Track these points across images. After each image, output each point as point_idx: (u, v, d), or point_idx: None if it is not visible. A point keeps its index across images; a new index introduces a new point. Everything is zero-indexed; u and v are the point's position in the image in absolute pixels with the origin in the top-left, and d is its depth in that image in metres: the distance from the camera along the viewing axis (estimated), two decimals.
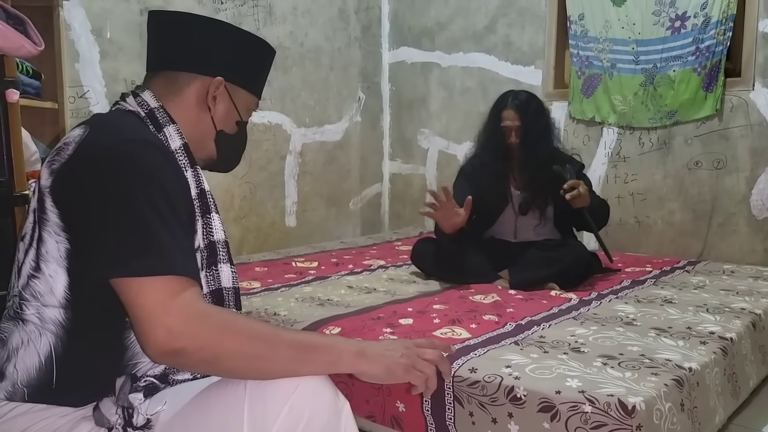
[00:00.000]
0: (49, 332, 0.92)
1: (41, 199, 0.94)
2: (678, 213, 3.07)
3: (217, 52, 1.09)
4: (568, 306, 2.07)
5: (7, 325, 0.97)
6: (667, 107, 3.01)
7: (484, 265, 2.45)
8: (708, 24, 2.85)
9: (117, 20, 2.85)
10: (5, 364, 0.95)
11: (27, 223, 0.97)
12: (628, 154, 3.17)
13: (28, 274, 0.94)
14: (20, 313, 0.94)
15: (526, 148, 2.43)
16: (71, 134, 0.98)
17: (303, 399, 0.88)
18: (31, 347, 0.93)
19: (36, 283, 0.93)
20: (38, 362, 0.92)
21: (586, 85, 3.25)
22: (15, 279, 0.97)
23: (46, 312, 0.93)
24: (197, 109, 1.09)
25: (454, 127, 3.79)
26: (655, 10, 3.00)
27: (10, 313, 0.97)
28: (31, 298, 0.93)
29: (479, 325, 1.84)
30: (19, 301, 0.94)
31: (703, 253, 2.98)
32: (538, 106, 2.51)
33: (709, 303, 2.08)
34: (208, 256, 1.02)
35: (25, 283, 0.94)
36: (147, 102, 1.05)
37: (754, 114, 2.82)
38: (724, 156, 2.91)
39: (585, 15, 3.21)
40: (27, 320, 0.94)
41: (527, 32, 3.46)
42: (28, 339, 0.93)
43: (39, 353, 0.93)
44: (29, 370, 0.92)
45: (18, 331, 0.95)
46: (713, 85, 2.87)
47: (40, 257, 0.93)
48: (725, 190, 2.92)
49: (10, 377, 0.93)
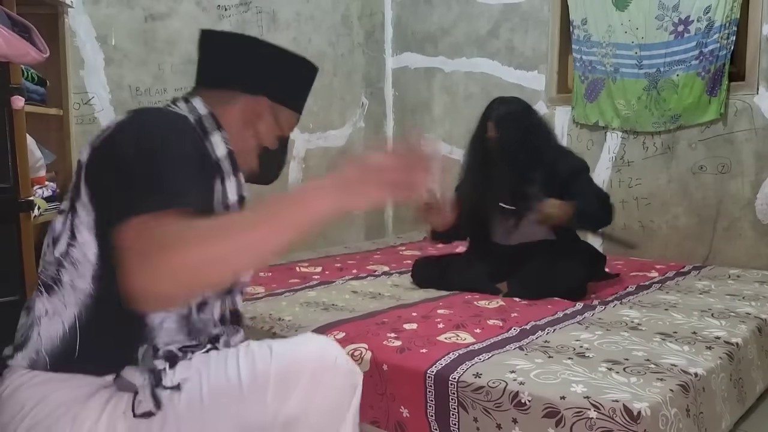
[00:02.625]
0: (75, 302, 0.95)
1: (78, 174, 0.98)
2: (683, 217, 3.06)
3: (263, 73, 1.15)
4: (573, 311, 2.06)
5: (37, 295, 1.00)
6: (671, 111, 3.01)
7: (483, 278, 2.42)
8: (711, 28, 2.85)
9: (121, 27, 2.87)
10: (29, 331, 0.98)
11: (66, 198, 1.01)
12: (632, 159, 3.17)
13: (67, 243, 0.97)
14: (56, 280, 0.97)
15: (509, 157, 2.38)
16: (114, 119, 1.03)
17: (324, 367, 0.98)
18: (56, 316, 0.96)
19: (73, 251, 0.97)
20: (62, 331, 0.95)
21: (589, 90, 3.25)
22: (50, 249, 1.00)
23: (78, 282, 0.96)
24: (242, 124, 1.14)
25: (457, 132, 3.79)
26: (658, 15, 3.00)
27: (44, 282, 1.00)
28: (69, 265, 0.96)
29: (483, 330, 1.83)
30: (57, 268, 0.97)
31: (708, 257, 2.97)
32: (520, 116, 2.44)
33: (714, 308, 2.07)
34: None
35: (65, 250, 0.97)
36: (197, 108, 1.10)
37: (758, 118, 2.81)
38: (729, 160, 2.90)
39: (588, 20, 3.21)
40: (58, 288, 0.97)
41: (530, 37, 3.46)
42: (54, 309, 0.96)
43: (63, 322, 0.95)
44: (53, 339, 0.95)
45: (44, 299, 0.97)
46: (717, 89, 2.87)
47: (75, 227, 0.97)
48: (730, 195, 2.91)
49: (34, 344, 0.96)
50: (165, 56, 3.02)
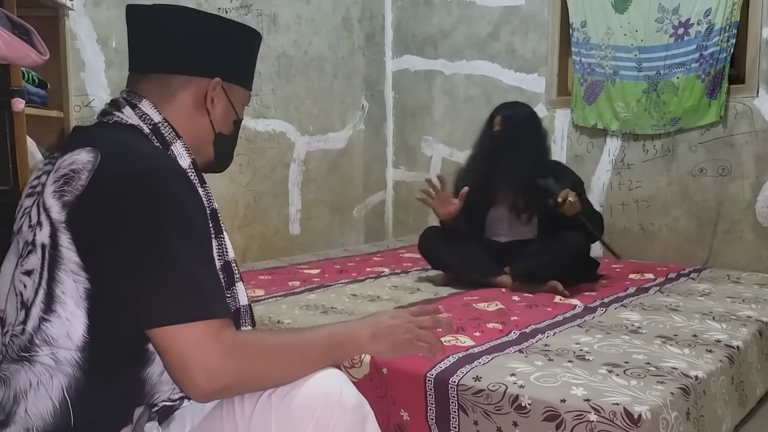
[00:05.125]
0: (62, 374, 0.86)
1: (54, 235, 0.86)
2: (683, 220, 3.06)
3: (212, 51, 1.02)
4: (573, 314, 2.06)
5: (10, 366, 0.89)
6: (670, 114, 3.01)
7: (490, 260, 2.49)
8: (711, 31, 2.85)
9: (122, 30, 2.85)
10: (13, 407, 0.87)
11: (32, 258, 0.88)
12: (632, 161, 3.17)
13: (39, 317, 0.87)
14: (29, 356, 0.87)
15: (510, 151, 2.50)
16: (77, 159, 0.89)
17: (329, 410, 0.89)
18: (42, 391, 0.86)
19: (49, 326, 0.86)
20: (52, 407, 0.86)
21: (588, 92, 3.25)
22: (19, 315, 0.89)
23: (60, 354, 0.86)
24: (195, 114, 1.03)
25: (457, 134, 3.80)
26: (657, 17, 3.00)
27: (13, 351, 0.89)
28: (42, 343, 0.86)
29: (483, 333, 1.83)
30: (29, 344, 0.87)
31: (708, 260, 2.97)
32: (527, 116, 2.62)
33: (715, 311, 2.07)
34: (225, 277, 0.99)
35: (36, 326, 0.87)
36: (148, 115, 0.98)
37: (758, 121, 2.81)
38: (729, 163, 2.90)
39: (587, 22, 3.21)
40: (37, 362, 0.87)
41: (530, 40, 3.46)
42: (38, 381, 0.86)
43: (51, 397, 0.86)
44: (43, 416, 0.86)
45: (24, 371, 0.88)
46: (717, 91, 2.87)
47: (55, 299, 0.86)
48: (730, 197, 2.91)
49: (22, 422, 0.87)
50: None
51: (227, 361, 0.84)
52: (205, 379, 0.82)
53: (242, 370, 0.85)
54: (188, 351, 0.82)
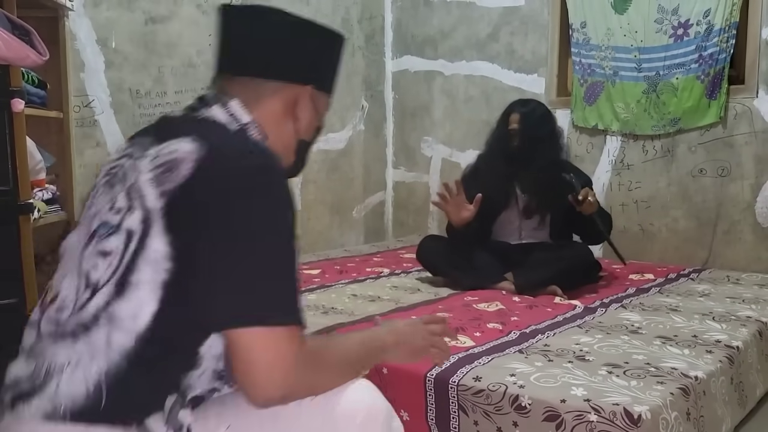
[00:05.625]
0: (105, 358, 0.82)
1: (146, 222, 0.83)
2: (682, 221, 3.06)
3: (307, 58, 1.02)
4: (573, 314, 2.06)
5: (51, 341, 0.86)
6: (670, 115, 3.01)
7: (490, 265, 2.47)
8: (711, 32, 2.85)
9: (122, 30, 2.87)
10: (45, 381, 0.84)
11: (113, 241, 0.85)
12: (632, 162, 3.17)
13: (107, 299, 0.83)
14: (83, 333, 0.84)
15: (530, 151, 2.47)
16: (180, 148, 0.86)
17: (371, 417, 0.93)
18: (79, 373, 0.82)
19: (116, 307, 0.83)
20: (85, 390, 0.82)
21: (588, 93, 3.25)
22: (82, 294, 0.86)
23: (117, 337, 0.82)
24: (282, 119, 1.01)
25: (457, 135, 3.80)
26: (657, 18, 3.00)
27: (64, 328, 0.86)
28: (105, 321, 0.83)
29: (483, 334, 1.83)
30: (89, 323, 0.84)
31: (708, 260, 2.97)
32: (544, 114, 2.60)
33: (714, 311, 2.07)
34: None
35: (103, 305, 0.83)
36: (237, 115, 0.95)
37: (758, 121, 2.82)
38: (729, 163, 2.90)
39: (587, 23, 3.21)
40: (84, 341, 0.83)
41: (530, 40, 3.46)
42: (77, 362, 0.83)
43: (87, 380, 0.82)
44: (74, 397, 0.82)
45: (65, 349, 0.84)
46: (717, 92, 2.87)
47: (129, 284, 0.83)
48: (730, 198, 2.91)
49: (50, 397, 0.83)
50: (165, 59, 3.03)
51: (298, 370, 0.85)
52: (273, 385, 0.83)
53: (308, 380, 0.88)
54: (264, 355, 0.82)
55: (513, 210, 2.56)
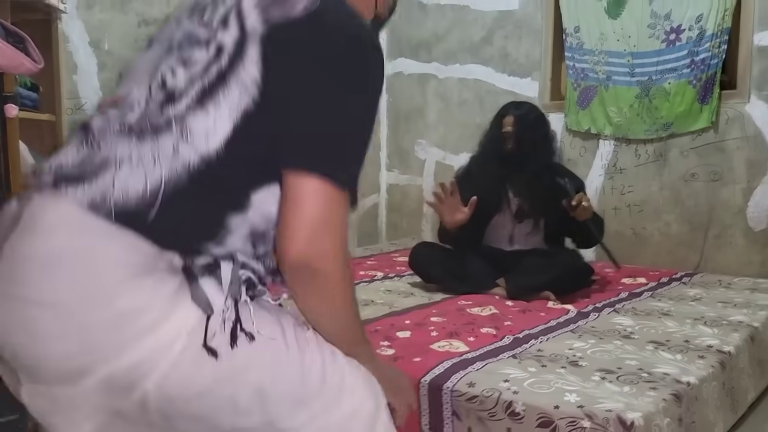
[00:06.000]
0: (169, 166, 0.77)
1: (242, 43, 0.80)
2: (674, 225, 3.07)
3: None
4: (566, 319, 2.07)
5: (114, 135, 0.79)
6: (662, 119, 3.03)
7: (483, 272, 2.47)
8: (703, 37, 2.87)
9: (115, 32, 2.86)
10: (98, 169, 0.77)
11: (198, 53, 0.82)
12: (625, 166, 3.19)
13: (186, 108, 0.79)
14: (148, 134, 0.79)
15: (524, 155, 2.47)
16: None
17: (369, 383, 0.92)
18: (140, 170, 0.77)
19: (192, 119, 0.79)
20: (142, 189, 0.76)
21: (581, 97, 3.27)
22: (156, 95, 0.81)
23: (184, 150, 0.78)
24: None
25: (451, 138, 3.80)
26: (650, 23, 3.02)
27: (129, 125, 0.80)
28: (178, 131, 0.79)
29: (477, 339, 1.83)
30: (162, 125, 0.79)
31: (699, 264, 2.98)
32: (538, 117, 2.59)
33: (706, 316, 2.09)
34: None
35: (179, 114, 0.79)
36: None
37: (750, 126, 2.84)
38: (721, 168, 2.92)
39: (581, 27, 3.23)
40: (154, 141, 0.78)
41: (524, 44, 3.48)
42: (140, 159, 0.77)
43: (147, 180, 0.77)
44: (128, 192, 0.76)
45: (130, 144, 0.78)
46: (709, 97, 2.89)
47: (212, 98, 0.79)
48: (721, 202, 2.93)
49: (102, 187, 0.76)
50: None
51: (335, 242, 0.82)
52: (310, 238, 0.80)
53: (335, 265, 0.83)
54: (313, 206, 0.80)
55: (505, 214, 2.56)
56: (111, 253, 0.75)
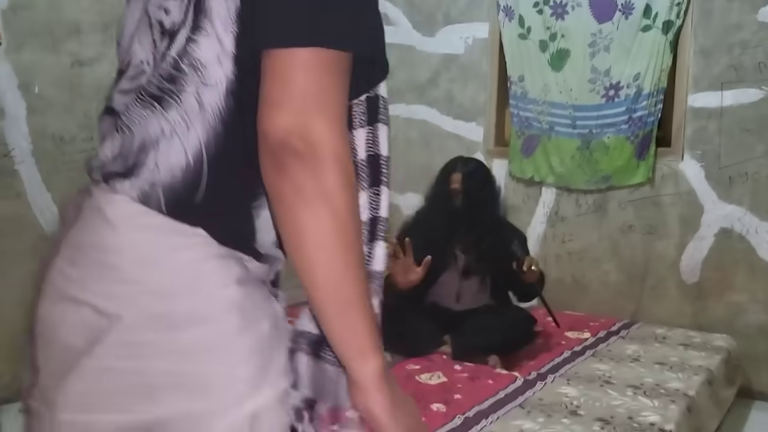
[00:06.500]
0: (201, 124, 0.69)
1: None
2: (613, 274, 3.17)
3: None
4: (514, 389, 2.09)
5: (138, 111, 0.72)
6: (602, 172, 3.12)
7: (429, 332, 2.46)
8: (640, 95, 2.98)
9: (46, 74, 2.70)
10: (140, 157, 0.70)
11: None
12: (566, 215, 3.27)
13: (187, 36, 0.69)
14: (172, 91, 0.70)
15: (472, 212, 2.48)
16: None
17: None
18: (176, 141, 0.69)
19: (196, 48, 0.68)
20: (185, 161, 0.69)
21: (525, 145, 3.33)
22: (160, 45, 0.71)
23: (206, 95, 0.68)
24: None
25: (397, 178, 3.79)
26: (590, 78, 3.11)
27: (150, 88, 0.71)
28: (190, 69, 0.69)
29: (427, 418, 1.82)
30: (172, 72, 0.70)
31: (636, 313, 3.09)
32: (485, 174, 2.63)
33: (645, 382, 2.16)
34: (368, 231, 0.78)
35: (182, 48, 0.69)
36: None
37: (683, 183, 2.96)
38: (656, 222, 3.04)
39: (525, 77, 3.29)
40: (177, 101, 0.69)
41: (469, 89, 3.51)
42: (172, 130, 0.69)
43: (186, 150, 0.69)
44: (173, 170, 0.69)
45: (156, 118, 0.70)
46: (645, 153, 3.00)
47: (203, 13, 0.68)
48: (656, 255, 3.05)
49: (148, 175, 0.69)
50: (92, 102, 2.86)
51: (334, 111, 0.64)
52: (294, 109, 0.63)
53: (331, 144, 0.64)
54: (302, 76, 0.63)
55: (452, 271, 2.57)
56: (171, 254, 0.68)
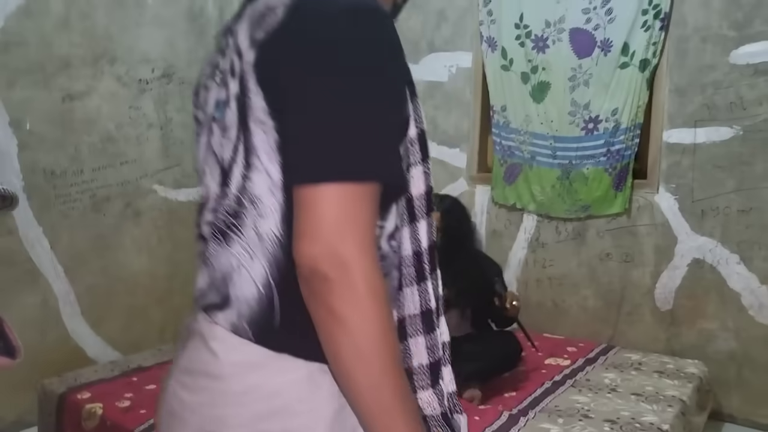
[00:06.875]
0: (263, 253, 0.73)
1: (243, 80, 0.74)
2: (591, 299, 3.29)
3: None
4: (499, 426, 2.19)
5: (213, 245, 0.78)
6: (581, 201, 3.23)
7: None
8: (618, 129, 3.09)
9: (38, 110, 2.73)
10: (224, 289, 0.76)
11: (228, 114, 0.76)
12: (546, 241, 3.37)
13: (242, 174, 0.74)
14: (234, 225, 0.75)
15: (450, 248, 2.57)
16: None
17: None
18: (244, 273, 0.74)
19: (251, 184, 0.73)
20: (256, 291, 0.74)
21: (508, 174, 3.43)
22: (218, 184, 0.77)
23: (262, 225, 0.73)
24: None
25: None
26: (570, 111, 3.21)
27: (220, 224, 0.77)
28: (249, 204, 0.74)
29: None
30: (237, 207, 0.75)
31: (613, 337, 3.21)
32: (462, 211, 2.71)
33: (621, 416, 2.27)
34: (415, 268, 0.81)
35: (241, 184, 0.74)
36: None
37: (658, 215, 3.08)
38: (632, 251, 3.16)
39: (507, 107, 3.38)
40: (239, 235, 0.74)
41: (453, 116, 3.60)
42: (239, 263, 0.75)
43: (255, 281, 0.74)
44: (249, 302, 0.74)
45: (224, 252, 0.76)
46: (622, 185, 3.11)
47: (252, 150, 0.73)
48: (632, 282, 3.17)
49: (236, 305, 0.75)
50: (83, 136, 2.90)
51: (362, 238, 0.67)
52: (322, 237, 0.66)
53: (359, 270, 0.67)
54: (328, 207, 0.67)
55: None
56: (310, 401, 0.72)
